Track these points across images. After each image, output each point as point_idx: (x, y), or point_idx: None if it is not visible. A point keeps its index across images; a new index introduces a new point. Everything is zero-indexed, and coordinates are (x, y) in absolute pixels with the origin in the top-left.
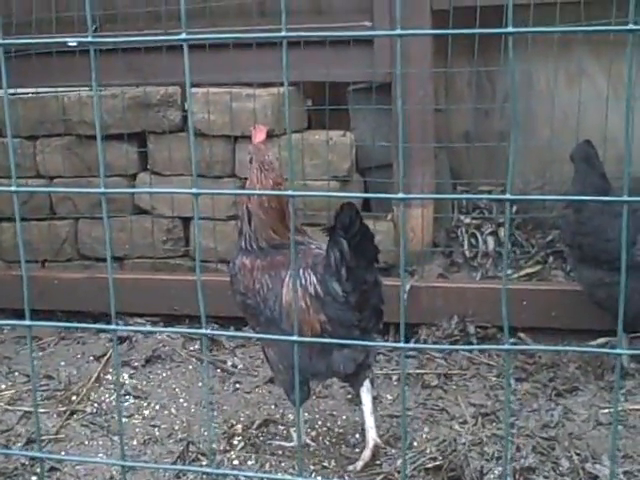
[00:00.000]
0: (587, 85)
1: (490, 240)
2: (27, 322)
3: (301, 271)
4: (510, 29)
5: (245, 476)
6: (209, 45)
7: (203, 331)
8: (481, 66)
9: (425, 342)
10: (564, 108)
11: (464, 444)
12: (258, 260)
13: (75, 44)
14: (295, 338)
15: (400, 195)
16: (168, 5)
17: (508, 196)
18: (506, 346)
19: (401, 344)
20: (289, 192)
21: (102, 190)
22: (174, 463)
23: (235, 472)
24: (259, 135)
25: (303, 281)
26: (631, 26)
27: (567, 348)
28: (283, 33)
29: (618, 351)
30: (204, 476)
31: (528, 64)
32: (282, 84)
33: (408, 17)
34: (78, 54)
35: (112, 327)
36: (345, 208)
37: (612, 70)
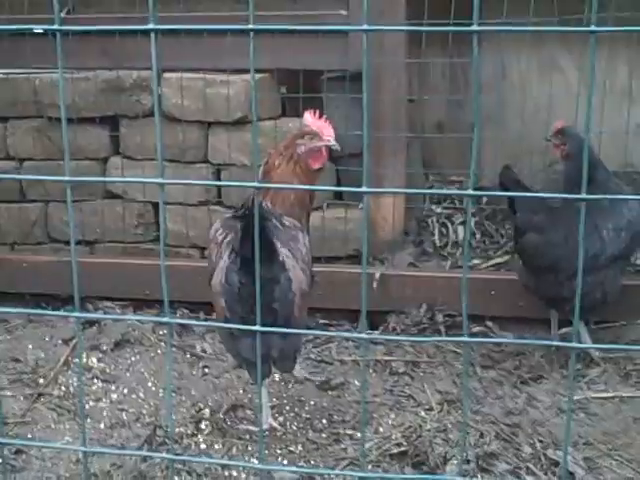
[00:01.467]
0: (558, 78)
1: (460, 230)
2: None
3: (233, 255)
4: (475, 27)
5: (209, 462)
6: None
7: (167, 319)
8: (455, 57)
9: (394, 329)
10: (535, 100)
11: (429, 430)
12: (218, 232)
13: (41, 31)
14: (257, 328)
15: (364, 189)
16: None
17: (470, 192)
18: (465, 338)
19: (362, 335)
20: (254, 183)
21: (67, 178)
22: (141, 447)
23: (196, 459)
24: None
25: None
26: (592, 27)
27: (526, 341)
28: (251, 26)
29: (574, 345)
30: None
31: (501, 56)
32: (257, 71)
33: (383, 7)
34: (50, 36)
35: (75, 314)
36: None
37: (583, 64)
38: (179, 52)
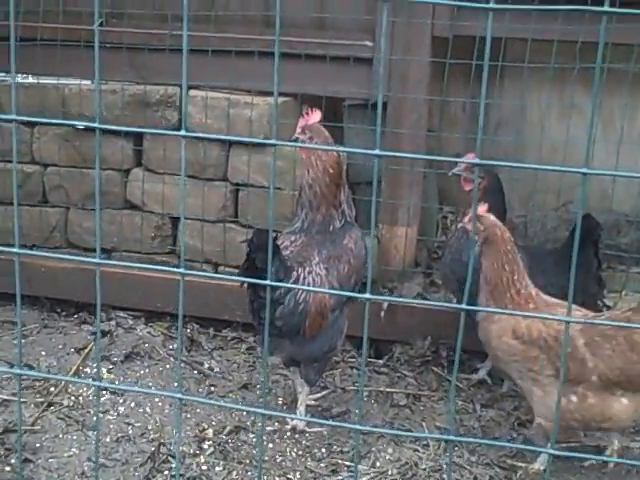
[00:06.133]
0: (577, 120)
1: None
2: None
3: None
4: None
5: None
6: (212, 50)
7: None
8: (477, 93)
9: (398, 360)
10: (553, 140)
11: (424, 469)
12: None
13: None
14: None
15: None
16: (174, 10)
17: (464, 306)
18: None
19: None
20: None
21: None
22: (144, 463)
23: None
24: (315, 116)
25: None
26: None
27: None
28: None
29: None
30: (173, 478)
31: (522, 96)
32: (281, 94)
33: (409, 42)
34: (82, 46)
35: None
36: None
37: (603, 107)
38: (206, 71)
